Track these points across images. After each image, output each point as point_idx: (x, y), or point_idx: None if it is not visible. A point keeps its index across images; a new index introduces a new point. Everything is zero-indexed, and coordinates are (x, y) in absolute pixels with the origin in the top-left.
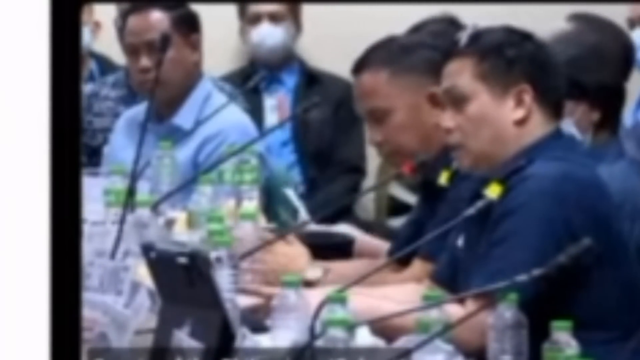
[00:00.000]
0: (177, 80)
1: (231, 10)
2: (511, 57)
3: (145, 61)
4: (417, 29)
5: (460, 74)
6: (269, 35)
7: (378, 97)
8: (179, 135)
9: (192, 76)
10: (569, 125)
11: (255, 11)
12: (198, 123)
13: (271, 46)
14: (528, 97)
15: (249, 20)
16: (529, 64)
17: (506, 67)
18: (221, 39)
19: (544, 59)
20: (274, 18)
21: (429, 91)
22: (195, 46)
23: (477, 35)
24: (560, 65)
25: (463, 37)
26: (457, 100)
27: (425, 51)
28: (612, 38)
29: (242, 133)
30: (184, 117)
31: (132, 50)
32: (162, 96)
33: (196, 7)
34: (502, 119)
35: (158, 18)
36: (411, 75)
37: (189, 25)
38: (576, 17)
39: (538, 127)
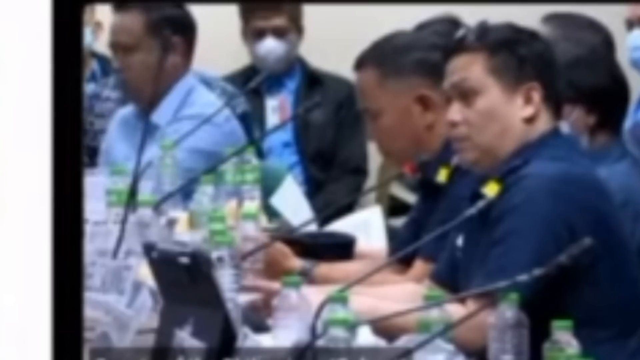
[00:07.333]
0: (144, 83)
1: (231, 10)
2: (522, 55)
3: (115, 63)
4: (420, 28)
5: (470, 68)
6: (273, 50)
7: (369, 98)
8: (155, 132)
9: (169, 77)
10: (564, 128)
11: (259, 26)
12: (173, 121)
13: (276, 59)
14: (537, 95)
15: (252, 35)
16: (539, 63)
17: (517, 64)
18: (221, 39)
19: (551, 59)
20: (277, 33)
21: (419, 93)
22: (176, 48)
23: (485, 31)
24: (561, 65)
25: (469, 32)
26: (467, 94)
27: (419, 52)
28: (601, 37)
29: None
30: (161, 115)
31: (112, 49)
32: (136, 97)
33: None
34: (510, 115)
35: (131, 20)
36: (401, 79)
37: (170, 28)
38: (553, 18)
39: (544, 126)
